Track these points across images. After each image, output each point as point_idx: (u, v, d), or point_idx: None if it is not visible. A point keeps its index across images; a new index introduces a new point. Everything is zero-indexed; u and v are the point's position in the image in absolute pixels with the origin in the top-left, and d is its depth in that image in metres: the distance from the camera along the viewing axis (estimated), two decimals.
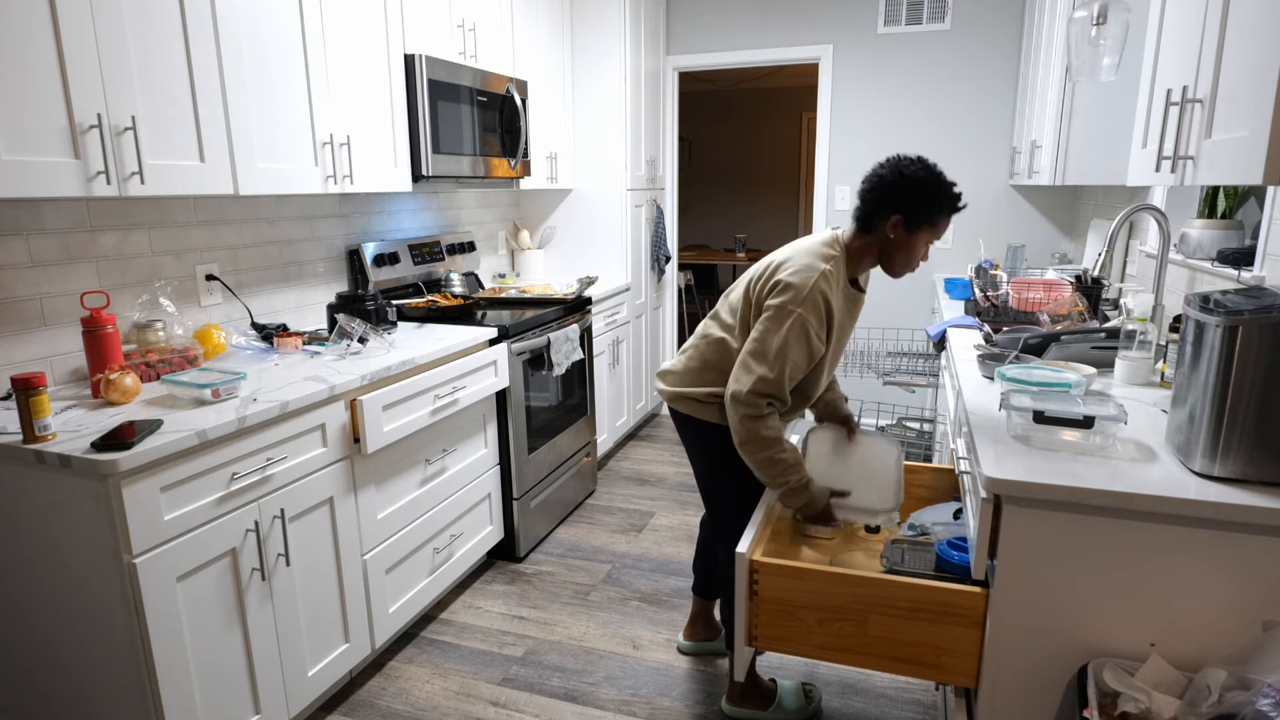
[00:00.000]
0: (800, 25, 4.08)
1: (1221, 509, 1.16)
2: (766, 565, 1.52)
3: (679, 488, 3.59)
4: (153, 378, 1.93)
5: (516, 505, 2.84)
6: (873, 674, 2.22)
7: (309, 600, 1.94)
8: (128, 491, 1.46)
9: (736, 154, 7.87)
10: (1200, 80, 1.33)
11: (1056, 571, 1.28)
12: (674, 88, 4.39)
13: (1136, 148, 1.69)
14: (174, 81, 1.81)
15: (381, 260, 2.89)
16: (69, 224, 1.91)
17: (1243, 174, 1.13)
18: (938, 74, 3.91)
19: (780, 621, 1.54)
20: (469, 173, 2.90)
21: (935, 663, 1.44)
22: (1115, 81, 2.22)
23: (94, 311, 1.80)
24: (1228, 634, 1.22)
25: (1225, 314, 1.18)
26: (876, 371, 3.45)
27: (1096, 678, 1.23)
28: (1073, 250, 3.82)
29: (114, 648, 1.55)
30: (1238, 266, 1.84)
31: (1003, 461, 1.31)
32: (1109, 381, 1.82)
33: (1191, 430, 1.26)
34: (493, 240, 3.87)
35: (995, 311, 2.51)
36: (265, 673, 1.81)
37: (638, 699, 2.14)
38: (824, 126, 4.15)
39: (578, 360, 3.21)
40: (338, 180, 2.32)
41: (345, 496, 2.03)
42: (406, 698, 2.15)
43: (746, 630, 1.57)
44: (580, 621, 2.51)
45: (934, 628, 1.42)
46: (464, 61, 2.93)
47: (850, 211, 4.20)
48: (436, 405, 2.37)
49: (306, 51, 2.18)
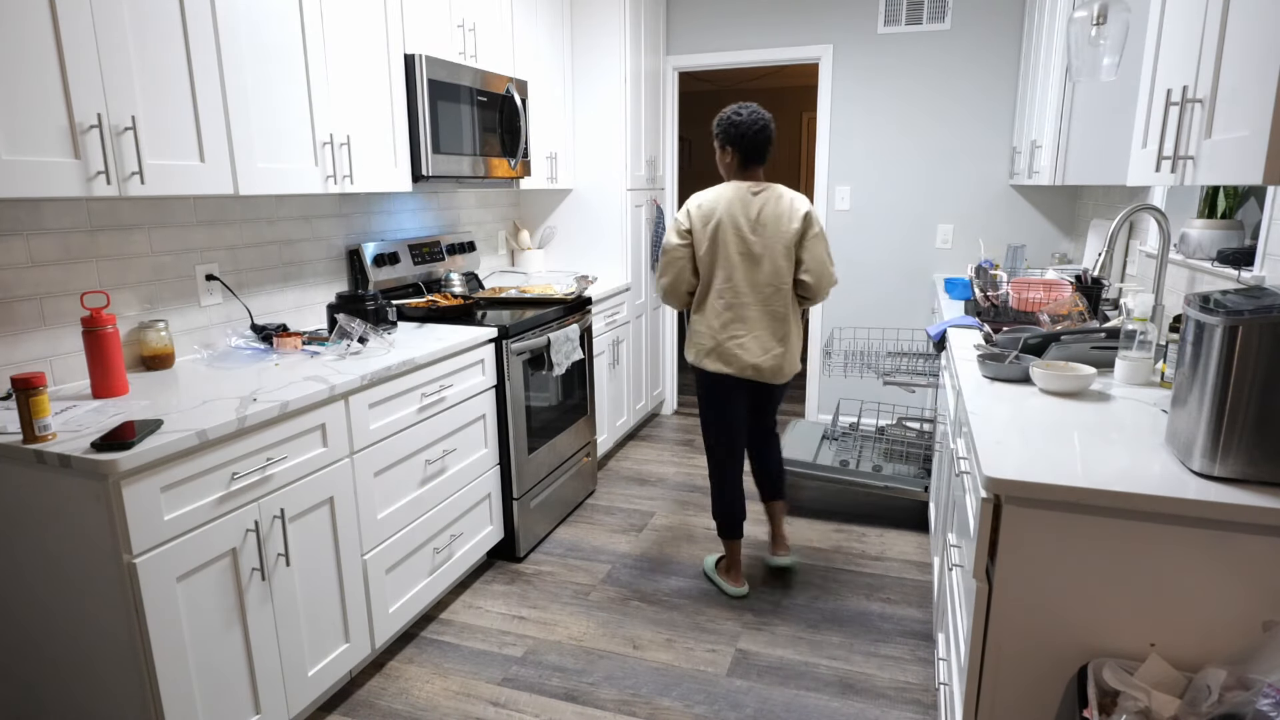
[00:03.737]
0: (800, 25, 4.09)
1: (1221, 509, 1.16)
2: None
3: (679, 488, 3.59)
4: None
5: (516, 505, 2.84)
6: (873, 674, 2.22)
7: (309, 600, 1.94)
8: (128, 491, 1.46)
9: None
10: (1200, 80, 1.34)
11: (1056, 571, 1.28)
12: (674, 88, 4.39)
13: (1136, 148, 1.69)
14: (174, 81, 1.81)
15: (381, 260, 2.89)
16: (69, 224, 1.91)
17: (1243, 174, 1.13)
18: (938, 74, 3.92)
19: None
20: (469, 173, 2.90)
21: None
22: (1115, 81, 2.22)
23: (94, 311, 1.80)
24: (1228, 634, 1.22)
25: (1225, 314, 1.18)
26: (876, 371, 3.45)
27: (1096, 677, 1.23)
28: (1073, 250, 3.82)
29: (114, 648, 1.55)
30: (1238, 266, 1.84)
31: (1002, 459, 1.31)
32: (1109, 381, 1.82)
33: (1191, 430, 1.26)
34: (493, 240, 3.87)
35: (995, 311, 2.51)
36: (265, 673, 1.81)
37: (638, 699, 2.14)
38: (824, 126, 4.15)
39: (578, 360, 3.21)
40: (338, 180, 2.32)
41: (345, 496, 2.03)
42: (406, 698, 2.15)
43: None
44: (580, 621, 2.51)
45: None
46: (464, 61, 2.93)
47: (847, 210, 4.20)
48: (437, 405, 2.38)
49: (307, 51, 2.18)
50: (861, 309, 4.30)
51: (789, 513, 3.29)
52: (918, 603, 2.59)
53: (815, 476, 3.20)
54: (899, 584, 2.71)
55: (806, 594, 2.65)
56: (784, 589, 2.68)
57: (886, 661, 2.28)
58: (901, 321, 4.25)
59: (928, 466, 3.23)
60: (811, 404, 4.51)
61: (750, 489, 3.54)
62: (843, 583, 2.73)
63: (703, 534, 3.11)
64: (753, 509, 3.34)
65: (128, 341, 2.07)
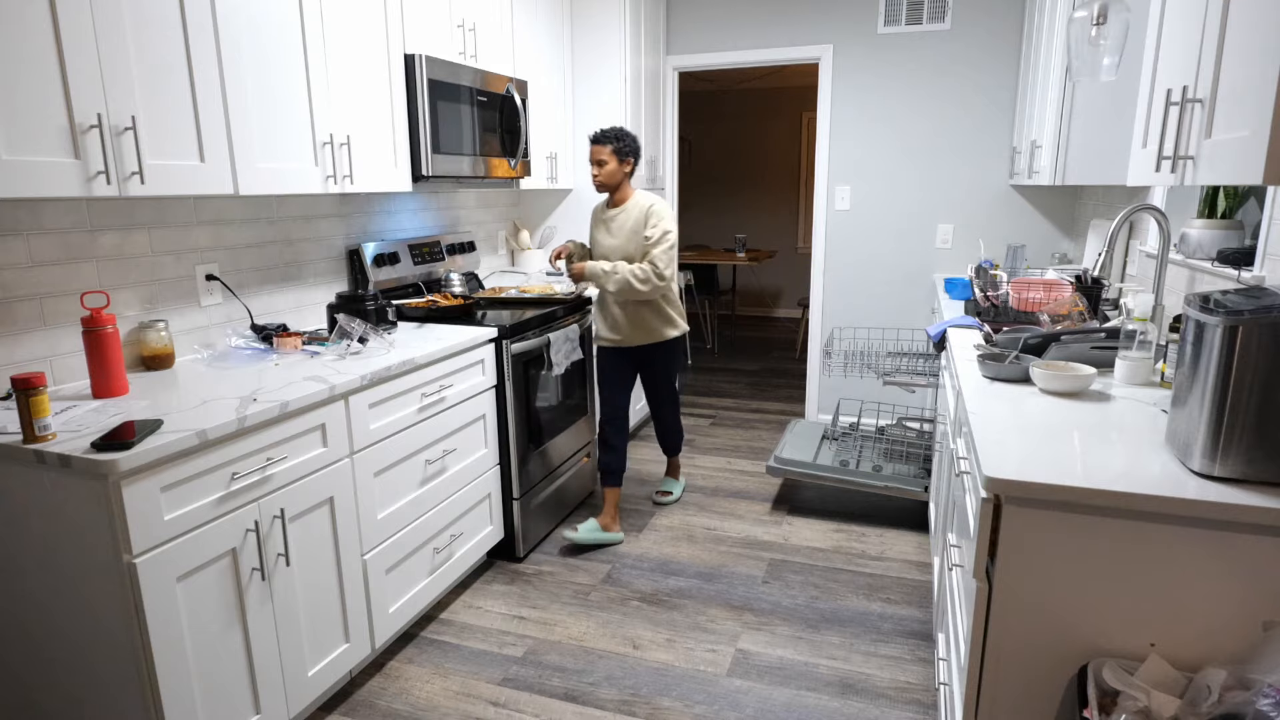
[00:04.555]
0: (800, 25, 4.09)
1: (1221, 509, 1.16)
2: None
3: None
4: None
5: (516, 505, 2.84)
6: (872, 674, 2.22)
7: (309, 600, 1.94)
8: (128, 491, 1.46)
9: (736, 154, 7.87)
10: (1200, 80, 1.33)
11: (1056, 571, 1.28)
12: (674, 88, 4.39)
13: (1136, 148, 1.69)
14: (174, 81, 1.81)
15: (381, 260, 2.89)
16: (69, 224, 1.91)
17: (1243, 174, 1.13)
18: (938, 74, 3.92)
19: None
20: (469, 173, 2.90)
21: None
22: (1115, 81, 2.22)
23: (94, 311, 1.80)
24: (1228, 634, 1.22)
25: (1225, 314, 1.18)
26: (876, 371, 3.45)
27: (1096, 677, 1.23)
28: (1073, 250, 3.82)
29: (114, 648, 1.55)
30: (1238, 266, 1.84)
31: (1002, 459, 1.31)
32: (1109, 381, 1.82)
33: (1191, 430, 1.26)
34: (493, 240, 3.87)
35: (995, 311, 2.51)
36: (265, 673, 1.81)
37: (638, 699, 2.14)
38: (824, 126, 4.15)
39: (577, 360, 3.21)
40: (338, 180, 2.32)
41: (345, 496, 2.03)
42: (406, 698, 2.15)
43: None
44: (580, 621, 2.51)
45: None
46: (464, 61, 2.93)
47: (847, 209, 4.20)
48: (437, 405, 2.38)
49: (306, 51, 2.18)
50: (861, 309, 4.30)
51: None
52: (918, 603, 2.59)
53: (815, 476, 3.20)
54: (899, 584, 2.71)
55: (806, 594, 2.65)
56: (784, 588, 2.69)
57: (886, 661, 2.28)
58: (901, 321, 4.25)
59: (928, 466, 3.22)
60: (811, 404, 4.51)
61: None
62: (843, 583, 2.73)
63: (703, 534, 3.11)
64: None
65: (128, 341, 2.07)
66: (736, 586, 2.71)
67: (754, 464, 3.89)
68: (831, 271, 4.32)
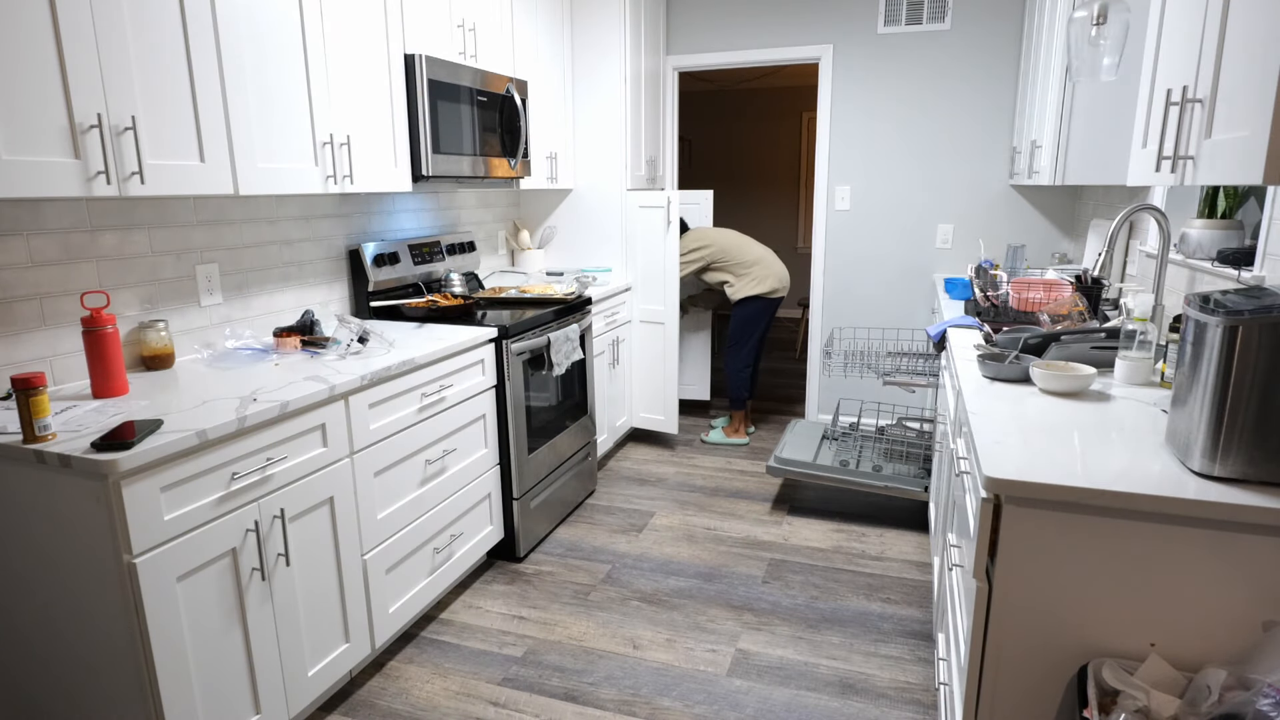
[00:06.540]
0: (800, 25, 4.09)
1: (1221, 509, 1.16)
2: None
3: (679, 488, 3.59)
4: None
5: (516, 505, 2.84)
6: (873, 674, 2.22)
7: (309, 600, 1.94)
8: (128, 491, 1.46)
9: (736, 154, 7.87)
10: (1200, 80, 1.34)
11: (1056, 571, 1.28)
12: (674, 88, 4.39)
13: (1136, 148, 1.69)
14: (174, 81, 1.81)
15: (381, 260, 2.89)
16: (69, 224, 1.91)
17: (1243, 174, 1.14)
18: (938, 74, 3.92)
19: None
20: (469, 173, 2.90)
21: None
22: (1115, 81, 2.22)
23: (94, 311, 1.80)
24: (1228, 634, 1.22)
25: (1225, 314, 1.18)
26: (876, 371, 3.45)
27: (1096, 677, 1.23)
28: (1073, 250, 3.82)
29: (114, 648, 1.55)
30: (1238, 266, 1.84)
31: (1002, 460, 1.31)
32: (1109, 381, 1.82)
33: (1191, 430, 1.26)
34: (493, 240, 3.87)
35: (995, 311, 2.51)
36: (265, 673, 1.81)
37: (638, 699, 2.14)
38: (824, 126, 4.15)
39: (578, 360, 3.21)
40: (338, 180, 2.32)
41: (345, 496, 2.03)
42: (406, 698, 2.15)
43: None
44: (580, 621, 2.51)
45: None
46: (464, 61, 2.93)
47: (847, 209, 4.20)
48: (437, 405, 2.38)
49: (306, 51, 2.18)
50: (861, 309, 4.30)
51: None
52: (918, 603, 2.59)
53: (815, 476, 3.20)
54: (899, 584, 2.71)
55: (806, 594, 2.65)
56: (784, 589, 2.69)
57: (886, 661, 2.28)
58: (901, 321, 4.25)
59: (928, 466, 3.22)
60: (811, 404, 4.51)
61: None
62: (843, 583, 2.73)
63: (703, 534, 3.11)
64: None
65: (128, 341, 2.07)
66: (736, 586, 2.71)
67: (754, 464, 3.89)
68: (831, 271, 4.32)
